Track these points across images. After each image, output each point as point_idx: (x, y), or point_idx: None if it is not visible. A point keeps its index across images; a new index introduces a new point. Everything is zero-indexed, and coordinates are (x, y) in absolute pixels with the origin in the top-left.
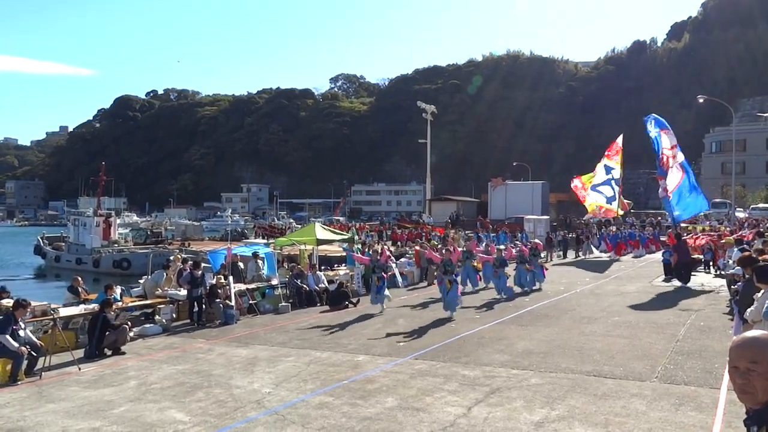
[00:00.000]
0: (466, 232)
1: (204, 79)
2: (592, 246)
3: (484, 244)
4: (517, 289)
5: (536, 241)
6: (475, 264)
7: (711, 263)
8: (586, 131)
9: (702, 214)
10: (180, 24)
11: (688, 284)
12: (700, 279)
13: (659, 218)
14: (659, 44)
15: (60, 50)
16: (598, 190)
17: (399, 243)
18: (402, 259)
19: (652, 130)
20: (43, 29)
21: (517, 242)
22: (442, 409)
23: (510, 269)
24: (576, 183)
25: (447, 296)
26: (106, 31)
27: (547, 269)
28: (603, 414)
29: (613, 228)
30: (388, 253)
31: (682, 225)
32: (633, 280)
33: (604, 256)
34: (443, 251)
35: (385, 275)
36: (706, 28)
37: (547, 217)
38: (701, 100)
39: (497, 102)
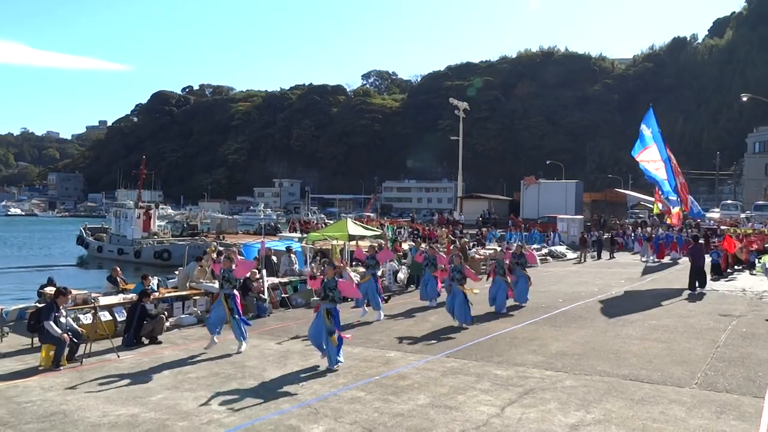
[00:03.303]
0: (498, 230)
1: (238, 75)
2: (648, 250)
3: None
4: (482, 309)
5: (517, 243)
6: (436, 274)
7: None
8: (623, 130)
9: (743, 216)
10: (215, 21)
11: (703, 290)
12: (741, 283)
13: (698, 220)
14: (700, 40)
15: (98, 47)
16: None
17: (430, 240)
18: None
19: (647, 130)
20: (82, 26)
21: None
22: (474, 408)
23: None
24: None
25: (325, 346)
26: (143, 27)
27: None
28: (641, 419)
29: (649, 229)
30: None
31: (723, 228)
32: (671, 283)
33: (642, 258)
34: (322, 268)
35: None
36: (750, 23)
37: (581, 216)
38: (745, 99)
39: (530, 99)
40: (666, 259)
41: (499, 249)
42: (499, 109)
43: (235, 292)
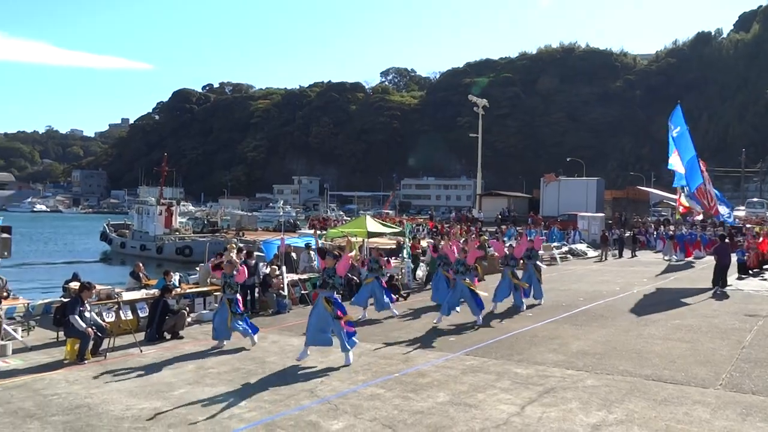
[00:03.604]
0: (517, 228)
1: (257, 73)
2: (671, 248)
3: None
4: (501, 306)
5: (533, 238)
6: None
7: None
8: (645, 127)
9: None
10: (235, 19)
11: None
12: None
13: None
14: (725, 35)
15: (121, 46)
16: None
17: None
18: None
19: (674, 130)
20: (105, 25)
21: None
22: (494, 407)
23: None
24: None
25: (334, 331)
26: (164, 26)
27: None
28: (664, 420)
29: (672, 227)
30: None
31: (748, 226)
32: (694, 282)
33: (665, 257)
34: (327, 255)
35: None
36: None
37: (602, 214)
38: None
39: (551, 96)
40: (689, 258)
41: (510, 243)
42: (519, 106)
43: (238, 296)
